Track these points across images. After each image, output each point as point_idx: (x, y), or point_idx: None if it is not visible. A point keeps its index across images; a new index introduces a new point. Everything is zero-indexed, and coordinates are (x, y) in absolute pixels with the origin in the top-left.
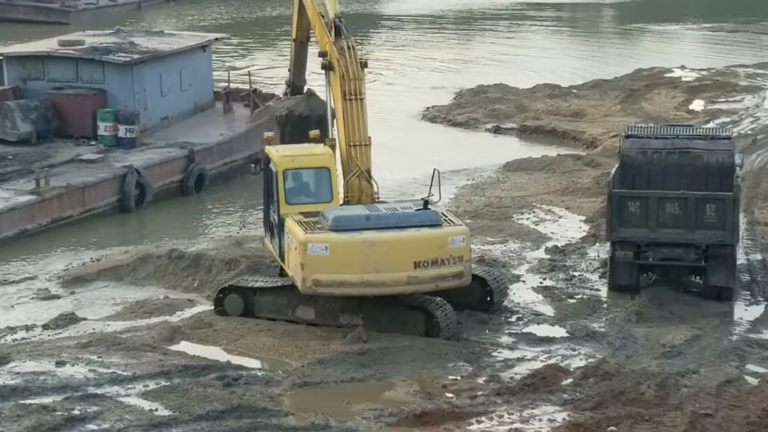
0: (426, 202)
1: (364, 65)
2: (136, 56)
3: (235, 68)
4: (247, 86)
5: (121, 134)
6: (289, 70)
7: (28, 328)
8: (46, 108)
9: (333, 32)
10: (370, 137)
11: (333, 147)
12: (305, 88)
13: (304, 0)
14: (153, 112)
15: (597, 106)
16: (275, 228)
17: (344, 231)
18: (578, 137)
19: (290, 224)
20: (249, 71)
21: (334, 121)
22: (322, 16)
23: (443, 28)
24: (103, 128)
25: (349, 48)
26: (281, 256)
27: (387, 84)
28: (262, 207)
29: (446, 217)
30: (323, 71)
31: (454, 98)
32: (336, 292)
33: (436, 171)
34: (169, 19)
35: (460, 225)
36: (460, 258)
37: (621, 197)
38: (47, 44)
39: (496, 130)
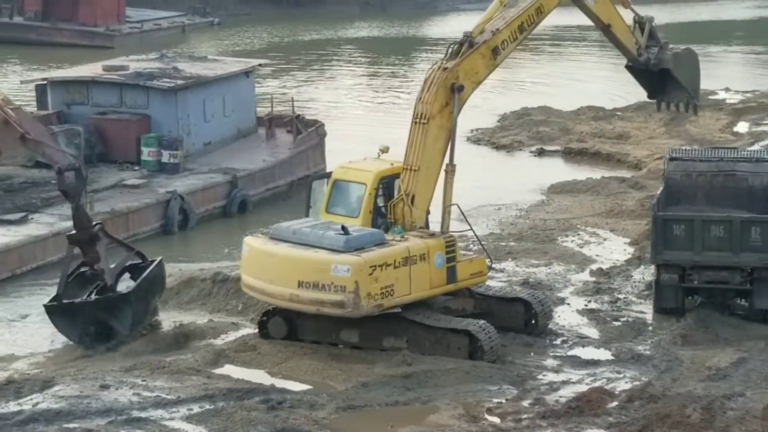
0: (344, 228)
1: (459, 89)
2: (180, 82)
3: (277, 96)
4: (289, 112)
5: (164, 159)
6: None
7: (71, 351)
8: (89, 133)
9: (455, 48)
10: (454, 165)
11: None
12: (648, 57)
13: None
14: (196, 137)
15: (641, 129)
16: None
17: (275, 240)
18: (623, 159)
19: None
20: (292, 97)
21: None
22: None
23: None
24: (147, 153)
25: (440, 69)
26: None
27: None
28: None
29: (379, 246)
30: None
31: (499, 121)
32: (251, 294)
33: (456, 206)
34: (204, 44)
35: (358, 256)
36: (343, 288)
37: (666, 220)
38: (91, 69)
39: (540, 153)
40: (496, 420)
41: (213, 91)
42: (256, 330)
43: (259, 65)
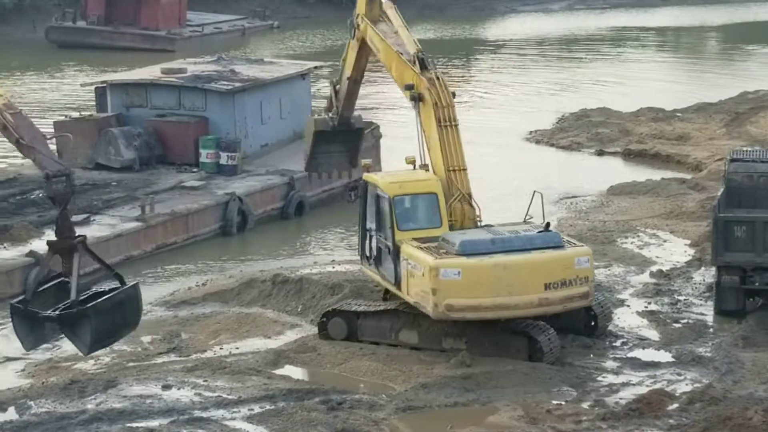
0: (548, 225)
1: (453, 95)
2: (237, 84)
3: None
4: None
5: (222, 161)
6: (332, 103)
7: (133, 351)
8: (148, 135)
9: (418, 65)
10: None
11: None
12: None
13: (374, 43)
14: (253, 139)
15: (702, 130)
16: (385, 254)
17: (473, 255)
18: (683, 161)
19: (411, 250)
20: None
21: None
22: (401, 54)
23: (545, 52)
24: (205, 155)
25: (438, 78)
26: (397, 282)
27: (487, 108)
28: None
29: (566, 238)
30: (412, 102)
31: (557, 122)
32: (468, 316)
33: (539, 194)
34: (263, 47)
35: (582, 246)
36: (586, 279)
37: (727, 221)
38: (150, 72)
39: (600, 154)
40: (555, 422)
41: (270, 94)
42: (316, 331)
43: (315, 67)
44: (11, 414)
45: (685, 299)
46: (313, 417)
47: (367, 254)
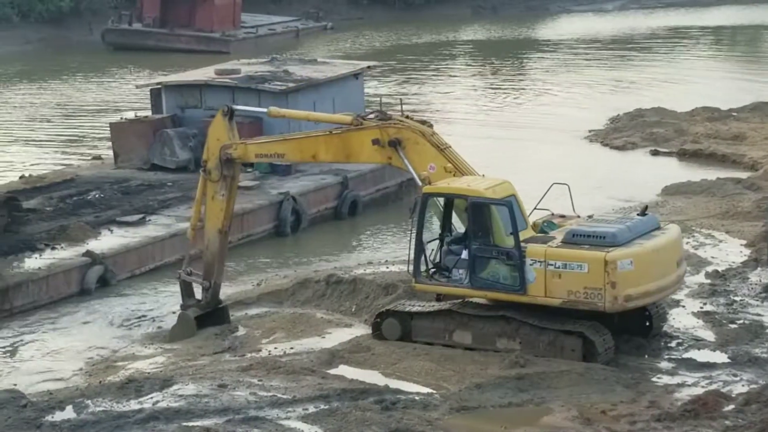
0: (646, 207)
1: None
2: (291, 85)
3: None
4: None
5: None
6: (191, 288)
7: (189, 351)
8: (203, 135)
9: (369, 120)
10: None
11: None
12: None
13: (273, 153)
14: None
15: (758, 129)
16: (493, 263)
17: (624, 245)
18: (738, 161)
19: (554, 251)
20: (400, 98)
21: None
22: (330, 132)
23: (598, 51)
24: None
25: (405, 118)
26: (522, 288)
27: (541, 108)
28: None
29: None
30: (391, 150)
31: (611, 122)
32: (639, 303)
33: (566, 186)
34: (317, 48)
35: (674, 224)
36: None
37: None
38: (204, 73)
39: (655, 154)
40: (610, 423)
41: (323, 93)
42: (370, 331)
43: (368, 67)
44: (69, 413)
45: (740, 300)
46: (367, 417)
47: (425, 269)
